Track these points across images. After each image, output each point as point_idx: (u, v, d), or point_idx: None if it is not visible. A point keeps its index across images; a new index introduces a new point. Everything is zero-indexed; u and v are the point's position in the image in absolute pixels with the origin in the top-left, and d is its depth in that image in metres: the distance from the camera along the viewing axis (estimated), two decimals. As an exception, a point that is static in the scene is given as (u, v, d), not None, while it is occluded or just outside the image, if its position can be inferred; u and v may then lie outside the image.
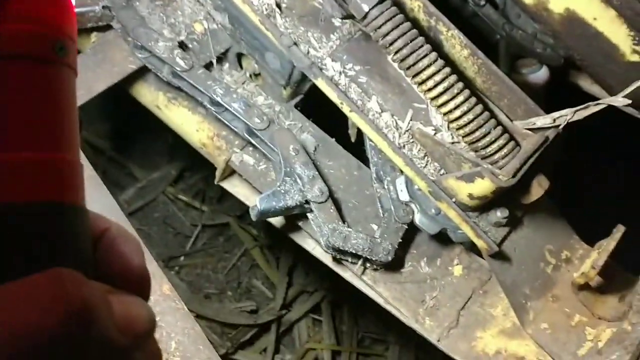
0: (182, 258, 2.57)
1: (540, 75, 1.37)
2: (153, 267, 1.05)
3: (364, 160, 1.31)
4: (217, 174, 1.30)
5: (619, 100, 0.97)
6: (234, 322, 2.37)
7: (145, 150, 2.61)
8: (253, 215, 1.16)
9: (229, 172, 1.32)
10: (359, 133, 1.32)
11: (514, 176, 1.04)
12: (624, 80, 1.31)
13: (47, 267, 0.39)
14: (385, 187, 1.22)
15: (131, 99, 1.36)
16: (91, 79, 1.20)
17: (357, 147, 1.39)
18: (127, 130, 2.58)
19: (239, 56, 1.34)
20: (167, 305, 1.05)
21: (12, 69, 0.43)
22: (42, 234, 0.42)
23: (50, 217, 0.43)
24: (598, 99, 1.44)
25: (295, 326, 2.45)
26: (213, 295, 2.53)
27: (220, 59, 1.32)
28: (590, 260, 1.09)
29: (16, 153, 0.42)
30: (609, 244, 1.06)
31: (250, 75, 1.35)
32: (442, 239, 1.26)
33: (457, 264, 1.26)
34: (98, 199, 1.09)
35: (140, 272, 0.46)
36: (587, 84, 1.48)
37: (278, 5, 1.16)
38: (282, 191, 1.16)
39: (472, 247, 1.25)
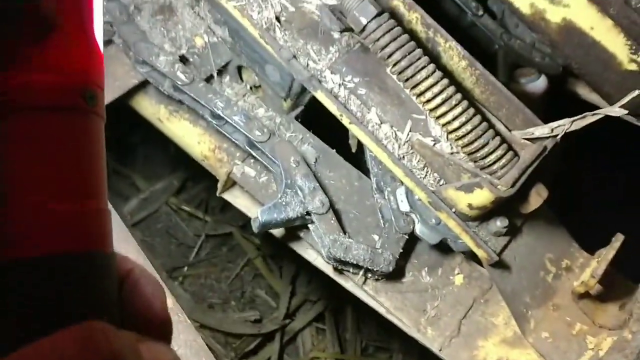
0: (185, 268, 2.58)
1: (538, 84, 1.38)
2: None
3: (364, 170, 1.32)
4: (219, 186, 1.31)
5: (616, 110, 0.98)
6: (237, 332, 2.37)
7: (148, 161, 2.63)
8: (255, 227, 1.17)
9: (231, 184, 1.33)
10: (359, 143, 1.33)
11: (512, 186, 1.05)
12: (622, 89, 1.32)
13: (79, 318, 0.40)
14: (386, 197, 1.23)
15: (133, 111, 1.38)
16: (93, 93, 1.21)
17: (357, 157, 1.40)
18: (130, 141, 2.60)
19: (239, 69, 1.35)
20: (169, 318, 1.06)
21: (43, 120, 0.44)
22: (73, 285, 0.43)
23: (81, 268, 0.43)
24: (596, 107, 1.46)
25: (299, 335, 2.45)
26: (216, 305, 2.53)
27: (221, 72, 1.33)
28: (590, 269, 1.10)
29: (47, 204, 0.42)
30: (608, 252, 1.06)
31: (251, 88, 1.36)
32: (443, 248, 1.27)
33: (458, 273, 1.27)
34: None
35: (163, 316, 0.47)
36: (585, 92, 1.49)
37: (277, 19, 1.17)
38: (283, 203, 1.17)
39: (472, 256, 1.26)
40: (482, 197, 1.06)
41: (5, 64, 0.42)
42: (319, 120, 1.34)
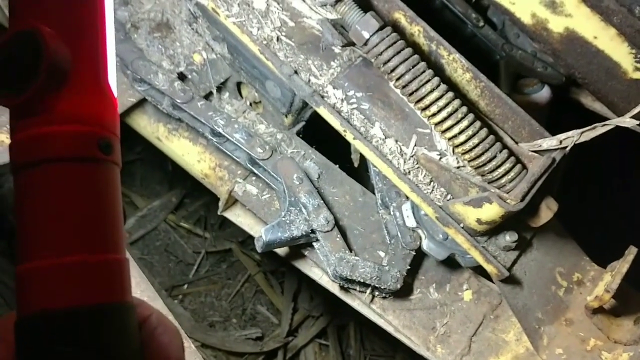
0: (185, 286, 2.55)
1: (542, 94, 1.37)
2: (159, 304, 1.03)
3: (368, 185, 1.30)
4: (220, 204, 1.29)
5: (627, 121, 0.96)
6: (240, 351, 2.34)
7: (145, 179, 2.60)
8: (258, 246, 1.14)
9: (232, 202, 1.31)
10: (362, 158, 1.30)
11: (522, 200, 1.02)
12: (627, 97, 1.31)
13: None
14: (391, 213, 1.21)
15: (130, 129, 1.35)
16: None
17: (360, 172, 1.38)
18: (127, 159, 2.57)
19: (239, 85, 1.33)
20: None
21: (60, 172, 0.44)
22: (92, 340, 0.42)
23: (100, 321, 0.43)
24: (600, 115, 1.44)
25: (301, 352, 2.42)
26: (217, 323, 2.50)
27: (220, 89, 1.31)
28: (604, 283, 1.07)
29: (66, 257, 0.42)
30: (621, 266, 1.04)
31: (251, 104, 1.34)
32: (450, 263, 1.25)
33: (467, 289, 1.24)
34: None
35: None
36: (588, 101, 1.48)
37: (277, 35, 1.15)
38: (287, 221, 1.14)
39: (481, 271, 1.24)
40: (491, 211, 1.04)
41: (21, 116, 0.42)
42: (320, 135, 1.32)
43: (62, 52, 0.43)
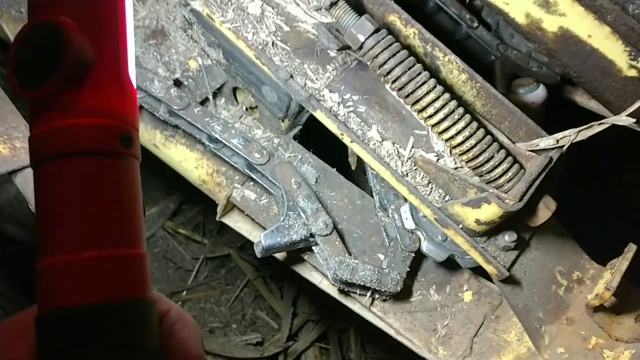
0: (184, 293, 2.54)
1: (538, 94, 1.37)
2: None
3: (365, 188, 1.30)
4: (219, 210, 1.29)
5: (623, 119, 0.96)
6: (240, 356, 2.33)
7: (143, 185, 2.60)
8: (258, 252, 1.14)
9: (230, 207, 1.30)
10: (359, 161, 1.30)
11: (520, 200, 1.02)
12: (623, 95, 1.31)
13: None
14: (390, 215, 1.21)
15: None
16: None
17: (357, 175, 1.38)
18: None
19: (235, 90, 1.33)
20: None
21: (83, 165, 0.43)
22: (114, 337, 0.42)
23: (122, 318, 0.42)
24: (596, 114, 1.44)
25: (302, 356, 2.41)
26: (217, 329, 2.50)
27: (216, 94, 1.31)
28: (604, 281, 1.07)
29: (87, 252, 0.42)
30: (621, 263, 1.04)
31: (247, 109, 1.34)
32: (450, 264, 1.25)
33: (467, 290, 1.24)
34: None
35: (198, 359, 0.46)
36: (584, 100, 1.48)
37: (272, 40, 1.15)
38: (286, 226, 1.14)
39: (481, 272, 1.24)
40: (490, 212, 1.04)
41: (41, 110, 0.42)
42: (316, 139, 1.32)
43: (84, 45, 0.42)
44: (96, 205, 0.43)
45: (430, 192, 1.13)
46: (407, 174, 1.13)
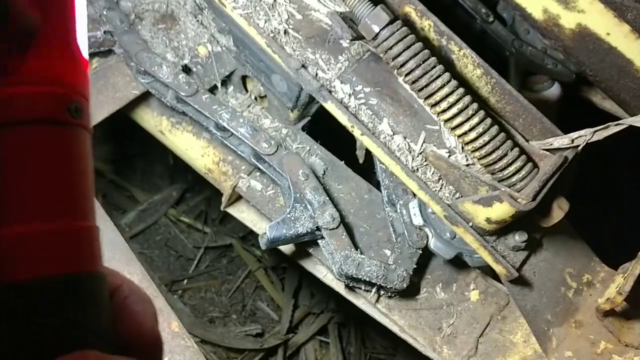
0: (185, 281, 2.52)
1: (552, 91, 1.34)
2: (160, 301, 1.00)
3: (373, 181, 1.28)
4: (224, 200, 1.27)
5: (642, 120, 0.93)
6: (239, 347, 2.32)
7: (146, 173, 2.58)
8: (262, 243, 1.12)
9: (235, 197, 1.28)
10: (368, 154, 1.28)
11: (533, 199, 1.00)
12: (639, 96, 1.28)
13: (72, 346, 0.38)
14: (398, 210, 1.19)
15: (131, 122, 1.33)
16: (93, 106, 1.16)
17: (365, 169, 1.36)
18: (128, 153, 2.55)
19: (244, 79, 1.31)
20: (176, 344, 1.01)
21: (27, 134, 0.41)
22: (66, 310, 0.40)
23: (69, 292, 0.40)
24: (610, 114, 1.42)
25: (302, 349, 2.40)
26: (217, 318, 2.48)
27: (225, 82, 1.28)
28: (615, 285, 1.05)
29: (32, 225, 0.40)
30: (635, 267, 1.02)
31: (256, 98, 1.32)
32: (457, 262, 1.23)
33: (474, 289, 1.22)
34: (104, 233, 1.04)
35: (153, 335, 0.45)
36: (598, 99, 1.45)
37: (285, 28, 1.13)
38: (292, 218, 1.12)
39: (488, 271, 1.22)
40: (501, 211, 1.01)
41: None
42: (325, 131, 1.30)
43: (28, 10, 0.40)
44: (41, 176, 0.41)
45: (441, 188, 1.10)
46: (417, 169, 1.11)
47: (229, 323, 2.47)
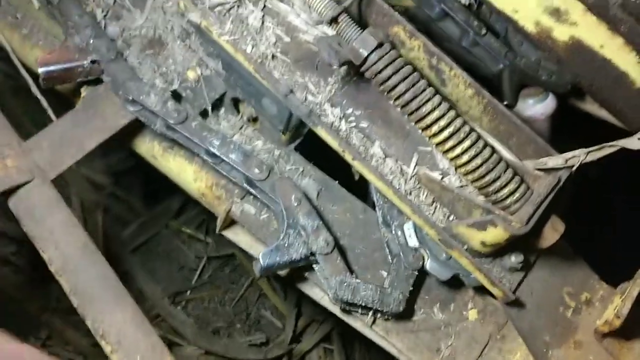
0: (188, 292, 2.53)
1: (547, 104, 1.32)
2: (153, 338, 0.99)
3: (369, 199, 1.26)
4: (218, 224, 1.26)
5: (636, 143, 0.92)
6: (244, 358, 2.32)
7: (146, 184, 2.57)
8: (257, 271, 1.11)
9: (230, 220, 1.28)
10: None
11: (527, 223, 0.99)
12: (635, 107, 1.27)
13: None
14: (393, 232, 1.17)
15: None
16: (82, 135, 1.15)
17: (361, 186, 1.34)
18: (127, 164, 2.55)
19: (235, 100, 1.29)
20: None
21: None
22: None
23: None
24: (606, 125, 1.40)
25: (306, 357, 2.40)
26: (222, 328, 2.48)
27: (216, 105, 1.27)
28: (614, 306, 1.04)
29: None
30: (632, 289, 1.00)
31: (249, 119, 1.30)
32: (454, 281, 1.21)
33: (472, 308, 1.21)
34: (93, 266, 1.03)
35: None
36: (594, 109, 1.43)
37: (272, 52, 1.12)
38: (286, 244, 1.11)
39: (486, 289, 1.20)
40: (495, 234, 1.00)
41: None
42: (319, 147, 1.28)
43: None
44: None
45: (435, 211, 1.09)
46: (410, 193, 1.10)
47: (233, 333, 2.48)
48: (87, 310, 0.96)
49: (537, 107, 1.31)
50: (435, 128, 1.03)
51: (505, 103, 1.24)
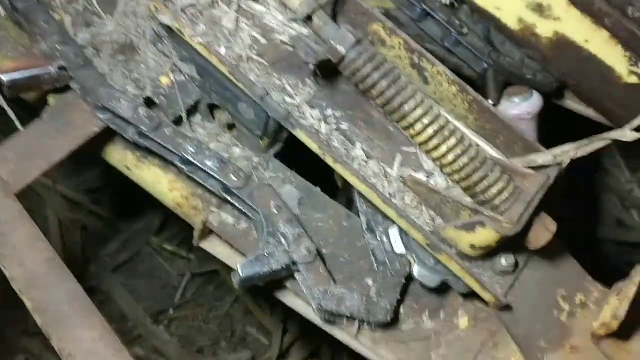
0: (171, 311, 2.46)
1: (533, 102, 1.29)
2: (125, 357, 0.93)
3: (354, 203, 1.22)
4: (195, 235, 1.20)
5: (627, 135, 0.88)
6: (229, 377, 2.25)
7: (126, 201, 2.51)
8: (236, 283, 1.06)
9: (208, 231, 1.22)
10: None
11: (518, 223, 0.95)
12: (623, 103, 1.24)
13: None
14: (378, 238, 1.13)
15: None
16: (49, 146, 1.10)
17: (345, 191, 1.30)
18: (104, 181, 2.49)
19: (211, 107, 1.25)
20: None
21: None
22: None
23: None
24: (594, 122, 1.37)
25: (294, 374, 2.34)
26: (206, 347, 2.41)
27: (191, 112, 1.22)
28: (610, 307, 1.00)
29: None
30: (629, 289, 0.97)
31: (226, 126, 1.26)
32: (444, 287, 1.17)
33: (463, 315, 1.16)
34: (59, 282, 0.97)
35: None
36: (581, 108, 1.40)
37: (248, 54, 1.07)
38: (266, 254, 1.06)
39: (477, 295, 1.16)
40: (485, 236, 0.96)
41: None
42: (301, 153, 1.24)
43: None
44: None
45: (421, 214, 1.05)
46: (395, 196, 1.05)
47: (218, 351, 2.41)
48: (52, 328, 0.90)
49: (523, 105, 1.27)
50: (418, 126, 0.99)
51: (490, 103, 1.21)
